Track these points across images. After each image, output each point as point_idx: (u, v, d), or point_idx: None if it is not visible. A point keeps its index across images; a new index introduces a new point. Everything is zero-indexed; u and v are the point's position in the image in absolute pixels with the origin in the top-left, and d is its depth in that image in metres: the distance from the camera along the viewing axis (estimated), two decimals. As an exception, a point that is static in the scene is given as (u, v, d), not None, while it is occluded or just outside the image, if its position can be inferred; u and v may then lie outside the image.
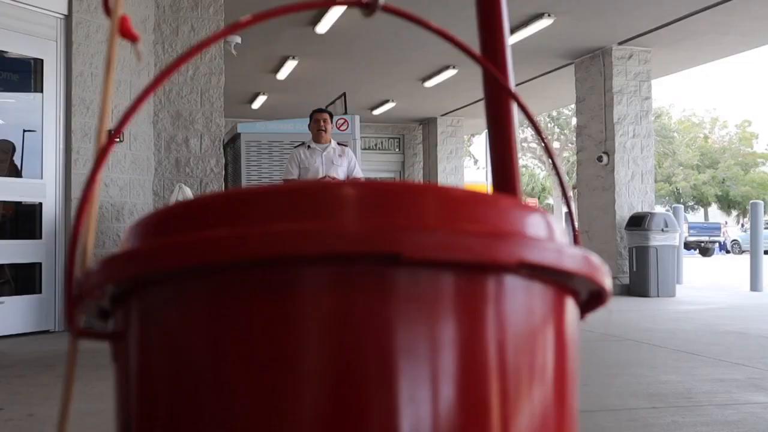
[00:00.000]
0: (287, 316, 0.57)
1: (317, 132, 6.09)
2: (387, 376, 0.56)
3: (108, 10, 0.77)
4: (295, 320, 0.57)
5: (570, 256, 0.62)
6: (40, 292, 5.57)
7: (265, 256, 0.55)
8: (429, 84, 11.88)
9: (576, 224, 0.79)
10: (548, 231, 0.65)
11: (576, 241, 0.77)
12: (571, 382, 0.68)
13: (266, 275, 0.57)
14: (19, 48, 5.62)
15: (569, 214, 0.80)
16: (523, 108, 0.82)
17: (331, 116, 6.37)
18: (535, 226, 0.64)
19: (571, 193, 0.78)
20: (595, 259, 0.65)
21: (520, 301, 0.62)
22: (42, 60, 5.64)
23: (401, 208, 0.58)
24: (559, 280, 0.65)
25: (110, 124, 0.78)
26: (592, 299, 0.72)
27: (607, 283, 0.68)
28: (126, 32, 0.79)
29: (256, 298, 0.57)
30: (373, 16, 0.73)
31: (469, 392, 0.58)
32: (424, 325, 0.57)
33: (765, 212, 11.01)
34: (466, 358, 0.58)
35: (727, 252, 29.94)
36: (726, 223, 35.19)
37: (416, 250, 0.55)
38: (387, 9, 0.72)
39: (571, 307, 0.68)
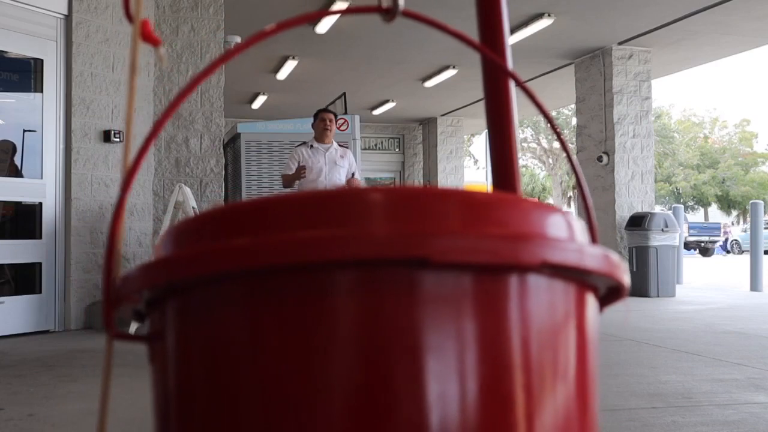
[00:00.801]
0: (320, 319, 0.60)
1: (322, 131, 6.08)
2: (415, 374, 0.59)
3: (130, 16, 0.77)
4: (327, 322, 0.60)
5: (591, 256, 0.64)
6: (40, 292, 5.57)
7: (296, 262, 0.58)
8: (429, 84, 11.88)
9: (594, 221, 0.81)
10: (569, 231, 0.68)
11: (594, 239, 0.78)
12: (592, 377, 0.70)
13: (298, 280, 0.60)
14: (19, 48, 5.62)
15: (587, 211, 0.82)
16: (545, 115, 0.83)
17: (336, 117, 6.37)
18: (556, 226, 0.66)
19: (587, 189, 0.80)
20: (614, 256, 0.68)
21: (542, 299, 0.64)
22: (42, 60, 5.64)
23: (427, 213, 0.61)
24: (580, 278, 0.67)
25: (129, 128, 0.79)
26: (610, 294, 0.74)
27: (626, 279, 0.70)
28: (148, 36, 0.79)
29: (290, 302, 0.60)
30: (393, 21, 0.74)
31: (494, 388, 0.60)
32: (450, 324, 0.60)
33: (765, 212, 11.02)
34: (491, 355, 0.60)
35: (727, 252, 29.94)
36: (732, 223, 35.17)
37: (443, 254, 0.57)
38: (407, 14, 0.74)
39: (591, 302, 0.71)
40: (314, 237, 0.58)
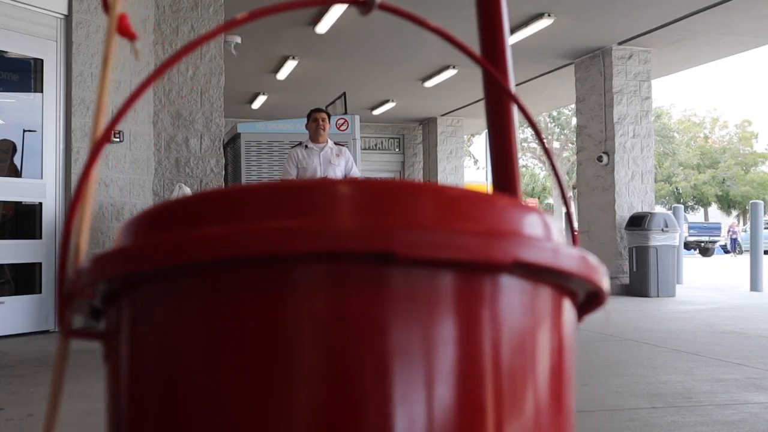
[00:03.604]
0: (281, 315, 0.56)
1: (315, 131, 6.08)
2: (382, 375, 0.56)
3: (107, 8, 0.77)
4: (289, 319, 0.56)
5: (566, 256, 0.61)
6: (40, 292, 5.58)
7: (258, 253, 0.55)
8: (429, 84, 11.88)
9: (575, 225, 0.79)
10: (545, 231, 0.64)
11: (574, 241, 0.76)
12: (567, 383, 0.67)
13: (260, 273, 0.56)
14: (19, 48, 5.62)
15: (568, 214, 0.80)
16: (520, 106, 0.82)
17: (329, 116, 6.36)
18: (531, 225, 0.63)
19: (570, 194, 0.77)
20: (593, 259, 0.64)
21: (516, 301, 0.61)
22: (42, 60, 5.64)
23: (396, 207, 0.58)
24: (555, 281, 0.64)
25: (107, 122, 0.77)
26: (590, 300, 0.71)
27: (605, 283, 0.67)
28: (124, 30, 0.78)
29: (250, 296, 0.57)
30: (369, 14, 0.73)
31: (464, 393, 0.58)
32: (419, 324, 0.57)
33: (765, 212, 11.01)
34: (461, 358, 0.58)
35: (726, 252, 29.94)
36: (739, 224, 35.16)
37: (410, 248, 0.54)
38: (383, 7, 0.72)
39: (568, 308, 0.67)
40: (276, 228, 0.55)
